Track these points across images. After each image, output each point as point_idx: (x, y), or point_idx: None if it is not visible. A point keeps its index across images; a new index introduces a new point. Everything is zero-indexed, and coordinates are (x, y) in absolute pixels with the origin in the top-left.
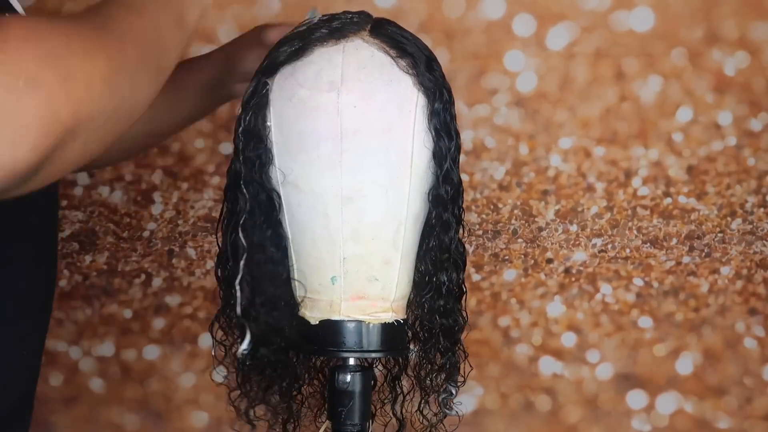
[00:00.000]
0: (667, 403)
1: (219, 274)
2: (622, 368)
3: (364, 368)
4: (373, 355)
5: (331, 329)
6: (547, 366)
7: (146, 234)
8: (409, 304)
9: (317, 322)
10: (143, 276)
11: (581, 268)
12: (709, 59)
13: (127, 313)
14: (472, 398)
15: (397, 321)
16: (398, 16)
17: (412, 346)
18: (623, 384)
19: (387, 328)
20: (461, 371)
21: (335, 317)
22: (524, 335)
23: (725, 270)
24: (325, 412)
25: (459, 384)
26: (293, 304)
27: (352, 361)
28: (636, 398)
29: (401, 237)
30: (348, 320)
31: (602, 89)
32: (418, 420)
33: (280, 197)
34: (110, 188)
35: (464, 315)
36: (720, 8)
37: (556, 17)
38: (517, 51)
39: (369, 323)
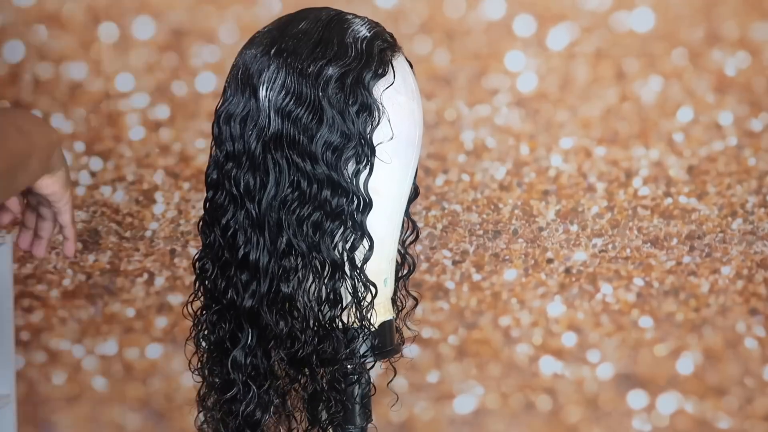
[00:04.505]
0: (668, 403)
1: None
2: (623, 368)
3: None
4: (397, 350)
5: (390, 329)
6: (548, 366)
7: (148, 234)
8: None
9: (376, 327)
10: (146, 275)
11: (582, 268)
12: (710, 59)
13: (130, 312)
14: (473, 398)
15: None
16: (399, 16)
17: None
18: (624, 384)
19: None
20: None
21: (388, 317)
22: (525, 335)
23: (726, 270)
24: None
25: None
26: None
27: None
28: (636, 398)
29: None
30: (394, 318)
31: (603, 89)
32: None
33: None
34: (112, 188)
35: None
36: (720, 9)
37: (557, 18)
38: (518, 51)
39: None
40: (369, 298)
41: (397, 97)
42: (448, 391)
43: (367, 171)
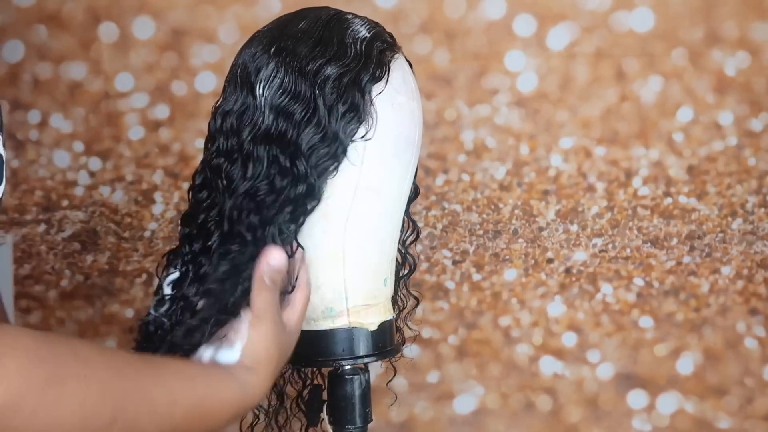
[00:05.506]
0: (668, 403)
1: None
2: (623, 368)
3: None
4: (397, 350)
5: (390, 329)
6: (548, 366)
7: (147, 234)
8: None
9: (376, 327)
10: (144, 276)
11: (582, 268)
12: (710, 59)
13: (129, 313)
14: (473, 398)
15: None
16: (399, 16)
17: None
18: (624, 384)
19: None
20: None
21: (389, 317)
22: (525, 335)
23: (726, 270)
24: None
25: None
26: None
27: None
28: (636, 398)
29: None
30: (394, 318)
31: (603, 89)
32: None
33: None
34: (111, 188)
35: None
36: (720, 8)
37: (557, 17)
38: (518, 51)
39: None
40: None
41: (397, 98)
42: (448, 391)
43: (332, 169)
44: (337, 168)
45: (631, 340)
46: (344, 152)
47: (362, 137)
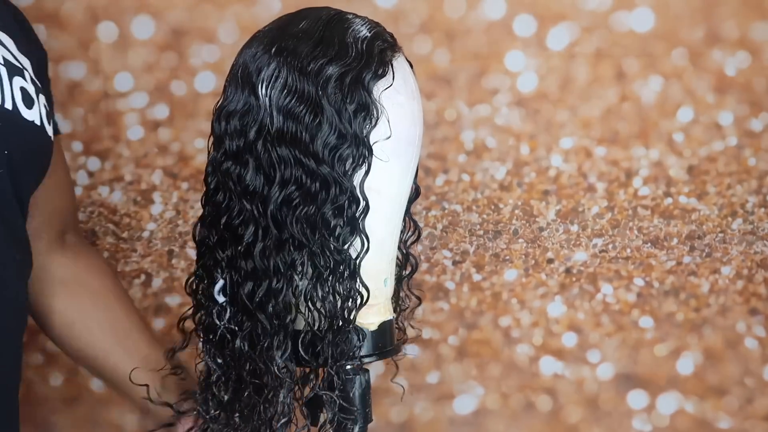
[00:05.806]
0: (668, 403)
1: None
2: (623, 368)
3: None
4: (397, 350)
5: (390, 329)
6: (548, 366)
7: (146, 234)
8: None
9: (376, 327)
10: (143, 276)
11: (582, 268)
12: (710, 59)
13: None
14: (473, 398)
15: None
16: (399, 16)
17: None
18: (624, 384)
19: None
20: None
21: (388, 317)
22: (525, 335)
23: (726, 270)
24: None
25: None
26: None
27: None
28: (637, 398)
29: None
30: (394, 318)
31: (603, 89)
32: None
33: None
34: (110, 188)
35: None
36: (720, 8)
37: (557, 17)
38: (518, 51)
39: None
40: (360, 299)
41: (397, 97)
42: (448, 392)
43: (363, 171)
44: (368, 169)
45: (631, 340)
46: (370, 152)
47: (387, 137)
